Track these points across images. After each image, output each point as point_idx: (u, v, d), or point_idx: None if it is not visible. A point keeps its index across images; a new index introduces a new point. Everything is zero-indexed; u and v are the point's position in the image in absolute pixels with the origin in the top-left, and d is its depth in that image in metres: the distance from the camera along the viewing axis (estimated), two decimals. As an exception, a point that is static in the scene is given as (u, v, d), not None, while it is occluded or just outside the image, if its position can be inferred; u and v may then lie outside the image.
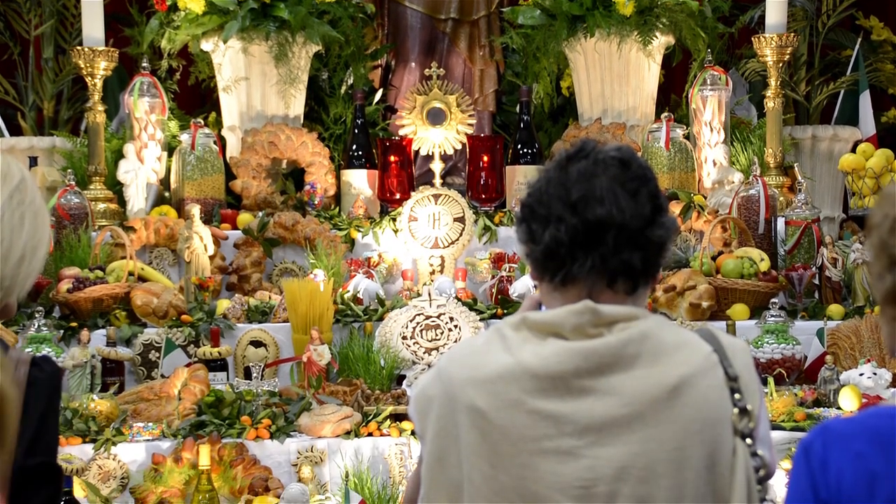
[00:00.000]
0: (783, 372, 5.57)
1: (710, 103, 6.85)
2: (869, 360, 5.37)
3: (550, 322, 2.03)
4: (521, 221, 2.13)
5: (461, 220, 6.56)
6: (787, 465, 4.66)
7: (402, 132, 6.86)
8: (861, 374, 5.27)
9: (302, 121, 7.15)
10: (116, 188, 6.85)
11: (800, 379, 5.65)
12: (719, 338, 2.10)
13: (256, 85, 7.05)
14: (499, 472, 1.97)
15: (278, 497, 4.69)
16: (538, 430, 1.97)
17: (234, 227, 6.69)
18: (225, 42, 6.86)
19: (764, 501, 2.01)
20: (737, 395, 2.04)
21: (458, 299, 6.08)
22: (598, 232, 2.04)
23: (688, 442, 1.98)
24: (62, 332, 5.89)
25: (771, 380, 5.37)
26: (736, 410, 2.03)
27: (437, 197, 6.57)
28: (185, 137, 6.87)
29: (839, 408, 5.17)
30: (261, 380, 5.59)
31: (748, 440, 2.02)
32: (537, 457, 1.96)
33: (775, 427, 4.99)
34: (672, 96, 7.53)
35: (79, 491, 4.83)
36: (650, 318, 2.06)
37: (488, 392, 2.00)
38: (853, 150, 6.93)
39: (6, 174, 2.02)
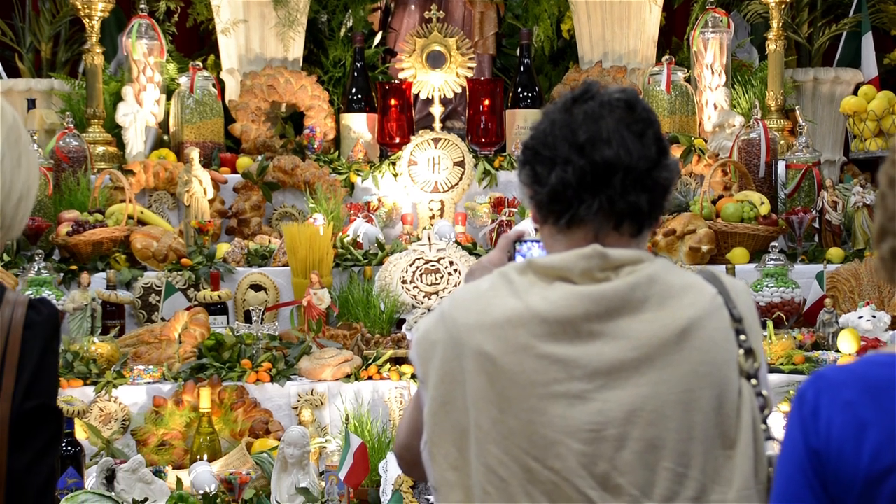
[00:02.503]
0: (782, 315, 5.58)
1: (711, 46, 6.81)
2: (868, 303, 5.38)
3: (558, 266, 2.03)
4: (525, 164, 2.11)
5: (461, 164, 6.55)
6: (785, 407, 4.68)
7: (401, 75, 6.82)
8: (860, 317, 5.27)
9: (301, 64, 7.11)
10: (115, 131, 6.83)
11: (799, 322, 5.66)
12: (722, 279, 2.10)
13: (255, 27, 7.01)
14: (507, 417, 1.97)
15: (279, 440, 4.71)
16: (548, 375, 1.97)
17: (234, 171, 6.68)
18: (223, -17, 6.81)
19: (769, 440, 2.02)
20: (742, 337, 2.04)
21: (458, 243, 6.08)
22: (606, 173, 2.03)
23: (696, 384, 1.98)
24: (62, 275, 5.89)
25: (770, 323, 5.37)
26: (741, 351, 2.04)
27: (436, 141, 6.55)
28: (183, 80, 6.84)
29: (838, 351, 5.18)
30: (261, 323, 5.60)
31: (753, 380, 2.03)
32: (547, 401, 1.96)
33: (774, 370, 5.00)
34: (673, 39, 7.49)
35: (80, 433, 4.85)
36: (656, 261, 2.05)
37: (496, 337, 1.99)
38: (855, 93, 6.90)
39: (1, 115, 2.04)
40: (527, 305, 2.00)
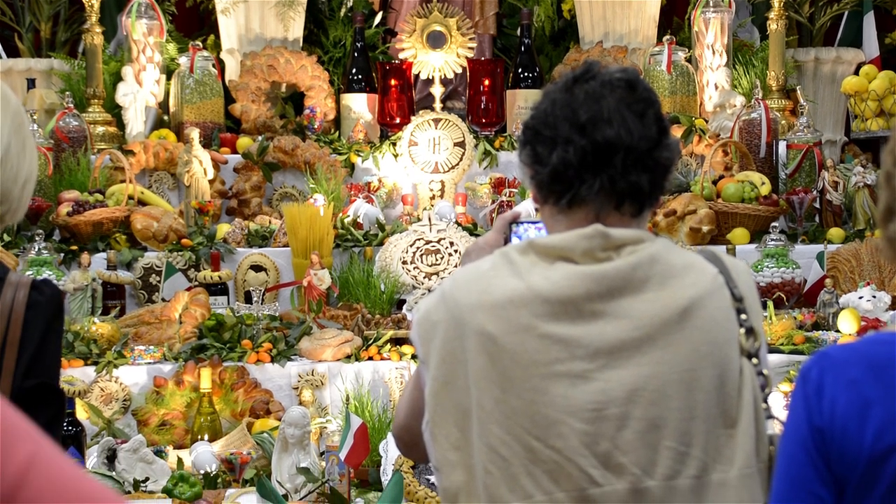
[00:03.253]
0: (782, 296, 5.58)
1: (712, 26, 6.79)
2: (868, 283, 5.38)
3: (559, 246, 2.03)
4: (525, 144, 2.11)
5: (461, 144, 6.54)
6: (785, 388, 4.68)
7: (402, 56, 6.81)
8: (860, 297, 5.28)
9: (301, 44, 7.10)
10: (115, 111, 6.82)
11: (799, 302, 5.66)
12: (723, 259, 2.10)
13: (255, 7, 6.99)
14: (509, 397, 1.97)
15: (279, 420, 4.71)
16: (549, 354, 1.97)
17: (234, 152, 6.67)
18: (223, -37, 6.79)
19: (770, 419, 2.03)
20: (743, 316, 2.05)
21: (459, 224, 6.08)
22: (607, 153, 2.03)
23: (698, 363, 1.98)
24: (62, 255, 5.89)
25: (770, 303, 5.37)
26: (742, 331, 2.04)
27: (437, 121, 6.54)
28: (183, 60, 6.83)
29: (838, 331, 5.19)
30: (261, 304, 5.60)
31: (754, 360, 2.04)
32: (549, 380, 1.96)
33: (774, 350, 5.00)
34: (674, 19, 7.46)
35: (81, 413, 4.85)
36: (657, 241, 2.06)
37: (498, 317, 1.99)
38: (856, 73, 6.89)
39: (4, 100, 2.06)
40: (528, 285, 2.00)
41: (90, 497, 1.28)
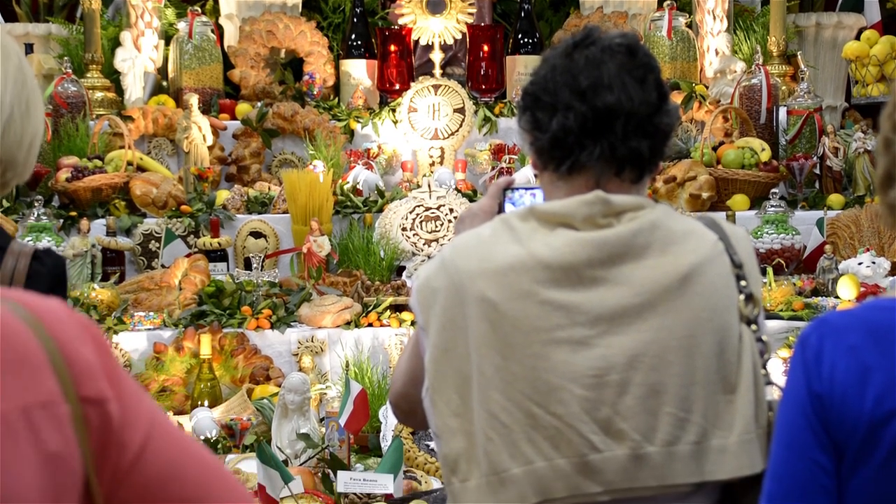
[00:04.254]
0: (782, 262, 5.58)
1: (713, -9, 6.77)
2: (868, 249, 5.38)
3: (560, 212, 2.02)
4: (525, 110, 2.10)
5: (461, 110, 6.52)
6: (784, 354, 4.69)
7: (401, 21, 6.78)
8: (860, 264, 5.28)
9: (300, 9, 7.07)
10: (113, 77, 6.80)
11: (798, 269, 5.66)
12: (722, 225, 2.10)
13: (254, -28, 6.96)
14: (510, 363, 1.97)
15: (279, 386, 4.72)
16: (550, 321, 1.97)
17: (233, 118, 6.66)
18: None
19: (769, 384, 2.03)
20: (742, 282, 2.05)
21: (458, 191, 6.07)
22: (607, 119, 2.03)
23: (698, 330, 1.98)
24: (62, 221, 5.89)
25: (770, 269, 5.37)
26: (742, 297, 2.04)
27: (436, 87, 6.53)
28: (181, 26, 6.80)
29: (837, 297, 5.19)
30: (261, 270, 5.60)
31: (753, 326, 2.04)
32: (549, 347, 1.96)
33: (773, 316, 5.01)
34: (675, -17, 7.43)
35: (82, 379, 4.86)
36: (657, 207, 2.05)
37: (499, 283, 1.98)
38: (857, 38, 6.86)
39: (5, 54, 1.94)
40: (529, 252, 2.00)
41: (199, 455, 1.37)
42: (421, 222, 5.91)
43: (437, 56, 6.71)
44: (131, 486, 1.31)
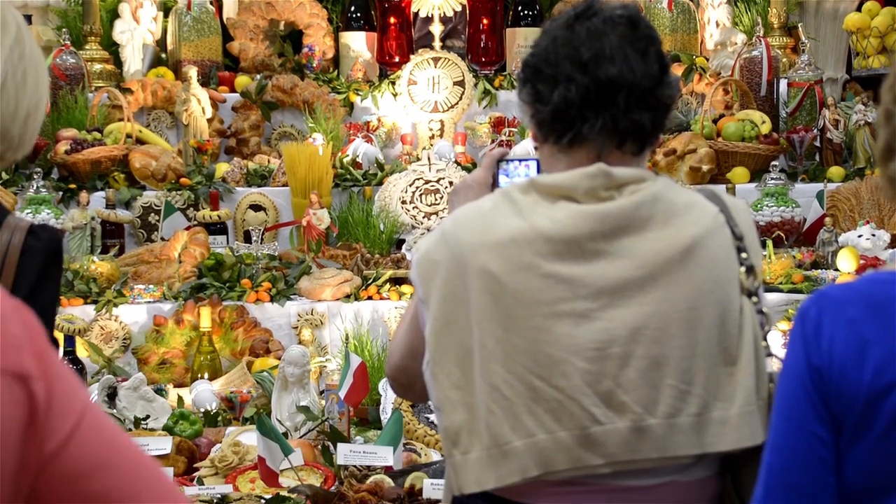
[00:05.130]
0: (782, 234, 5.57)
1: (713, -38, 6.74)
2: (868, 222, 5.37)
3: (562, 185, 2.01)
4: (526, 82, 2.09)
5: (461, 83, 6.51)
6: (783, 326, 4.69)
7: (400, -7, 6.76)
8: (860, 236, 5.27)
9: (299, -19, 7.04)
10: (112, 49, 6.78)
11: (798, 241, 5.66)
12: (722, 197, 2.10)
13: (252, -57, 6.93)
14: (512, 336, 1.96)
15: (279, 359, 4.72)
16: (552, 294, 1.96)
17: (232, 90, 6.64)
18: None
19: (769, 356, 2.03)
20: (743, 255, 2.05)
21: (458, 164, 6.07)
22: (610, 92, 2.02)
23: (700, 302, 1.98)
24: (61, 193, 5.88)
25: (770, 242, 5.37)
26: (743, 269, 2.04)
27: (436, 60, 6.51)
28: (180, -3, 6.78)
29: (837, 269, 5.18)
30: (260, 243, 5.60)
31: (754, 298, 2.04)
32: (551, 320, 1.96)
33: (773, 289, 5.01)
34: (675, -44, 7.40)
35: (81, 351, 4.87)
36: (658, 179, 2.05)
37: (501, 256, 1.98)
38: (858, 9, 6.83)
39: (3, 24, 1.89)
40: (531, 225, 1.99)
41: (131, 453, 1.32)
42: (420, 195, 5.90)
43: (436, 28, 6.69)
44: (54, 477, 1.26)
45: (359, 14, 6.84)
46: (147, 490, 1.31)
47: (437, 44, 6.66)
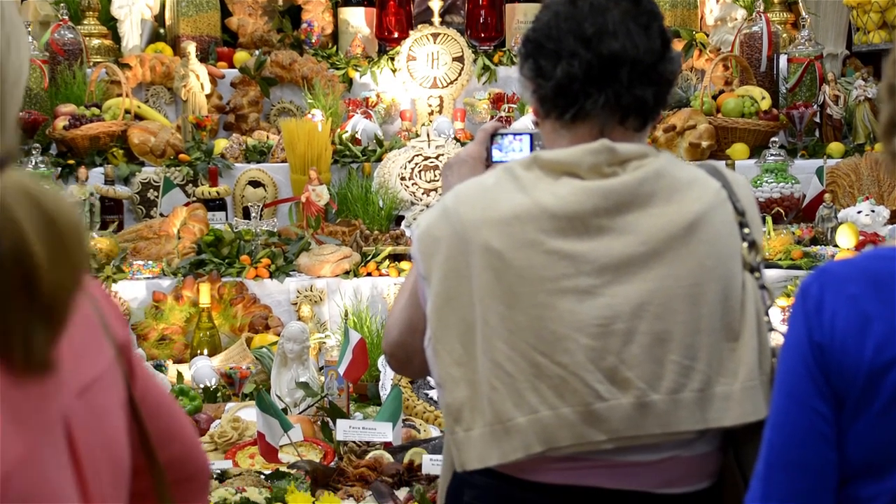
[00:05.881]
0: (781, 211, 5.57)
1: (714, -63, 6.72)
2: (867, 198, 5.36)
3: (565, 161, 2.01)
4: (527, 57, 2.08)
5: (460, 59, 6.49)
6: (782, 302, 4.69)
7: (399, -32, 6.73)
8: (859, 212, 5.26)
9: (298, -44, 7.01)
10: (110, 24, 6.76)
11: (798, 217, 5.65)
12: (724, 173, 2.10)
13: (251, -82, 6.90)
14: (515, 313, 1.96)
15: (278, 335, 4.73)
16: (556, 270, 1.96)
17: (231, 66, 6.62)
18: None
19: (772, 331, 2.03)
20: (745, 230, 2.04)
21: (457, 140, 6.05)
22: (613, 67, 2.01)
23: (703, 277, 1.98)
24: (60, 169, 5.88)
25: (769, 218, 5.36)
26: (745, 244, 2.04)
27: (435, 36, 6.49)
28: (179, -28, 6.75)
29: (836, 245, 5.18)
30: (259, 219, 5.59)
31: (756, 273, 2.04)
32: (555, 296, 1.96)
33: (772, 265, 5.01)
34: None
35: (81, 328, 4.86)
36: (661, 155, 2.05)
37: (504, 232, 1.97)
38: (859, -15, 6.81)
39: None
40: (535, 201, 1.98)
41: (170, 396, 1.57)
42: (420, 171, 5.89)
43: (436, 4, 6.66)
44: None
45: (357, -11, 6.82)
46: (187, 427, 1.56)
47: (436, 19, 6.64)
